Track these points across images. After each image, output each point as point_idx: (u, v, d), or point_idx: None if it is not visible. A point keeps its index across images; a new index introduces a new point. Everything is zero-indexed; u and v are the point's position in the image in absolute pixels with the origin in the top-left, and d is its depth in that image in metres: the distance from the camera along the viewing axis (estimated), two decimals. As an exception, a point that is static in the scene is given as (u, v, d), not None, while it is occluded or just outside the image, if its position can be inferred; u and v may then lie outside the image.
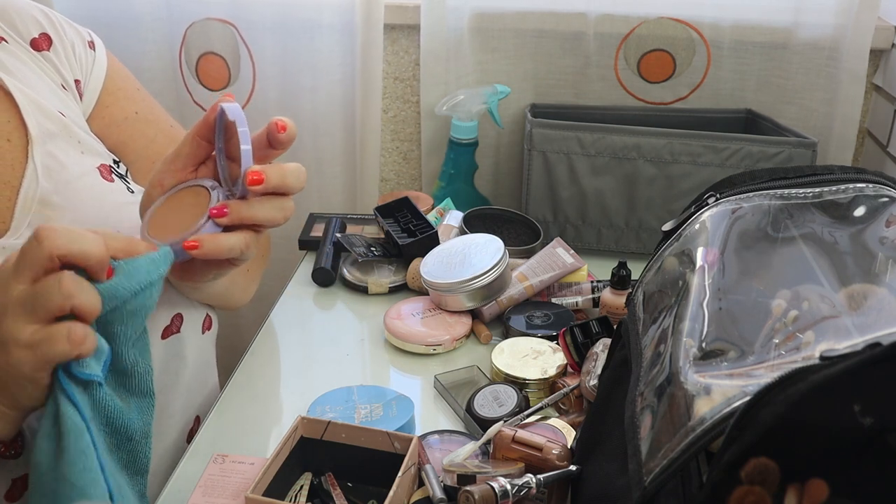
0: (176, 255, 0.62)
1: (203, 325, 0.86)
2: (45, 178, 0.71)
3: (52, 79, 0.78)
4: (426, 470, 0.71)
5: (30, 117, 0.73)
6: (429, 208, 1.24)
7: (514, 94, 1.32)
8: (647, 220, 1.16)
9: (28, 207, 0.70)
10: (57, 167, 0.73)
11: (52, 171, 0.72)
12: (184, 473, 0.76)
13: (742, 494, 0.39)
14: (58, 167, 0.73)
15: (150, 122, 0.87)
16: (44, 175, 0.71)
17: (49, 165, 0.72)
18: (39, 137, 0.72)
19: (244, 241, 0.65)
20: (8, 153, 0.71)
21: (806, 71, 1.26)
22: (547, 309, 0.99)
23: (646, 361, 0.56)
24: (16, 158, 0.71)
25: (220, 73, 1.34)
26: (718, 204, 0.63)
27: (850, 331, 0.46)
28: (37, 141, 0.72)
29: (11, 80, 0.73)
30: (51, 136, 0.74)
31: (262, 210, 0.65)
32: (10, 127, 0.72)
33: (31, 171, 0.71)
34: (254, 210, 0.64)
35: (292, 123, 0.66)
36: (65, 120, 0.76)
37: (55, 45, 0.79)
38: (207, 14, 1.30)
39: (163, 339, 0.78)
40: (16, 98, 0.73)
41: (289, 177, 0.64)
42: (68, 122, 0.76)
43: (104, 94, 0.83)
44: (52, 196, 0.71)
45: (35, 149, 0.72)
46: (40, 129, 0.73)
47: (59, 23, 0.81)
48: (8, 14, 0.77)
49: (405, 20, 1.33)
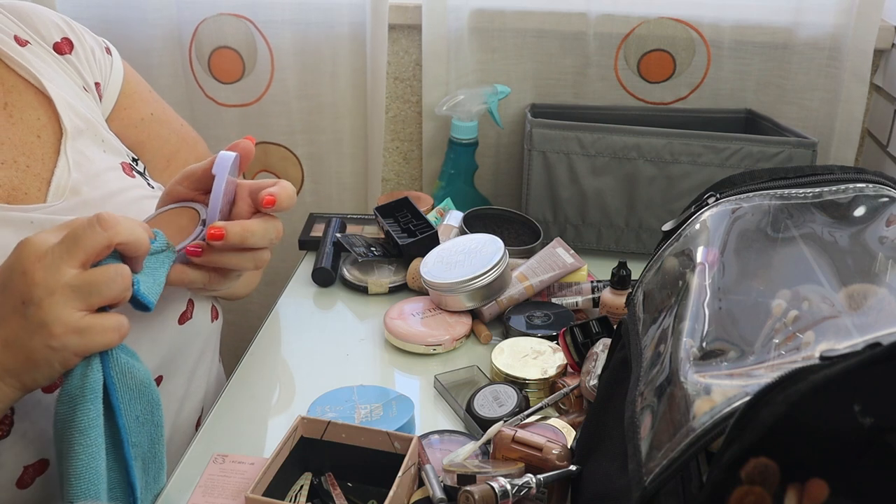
0: None
1: (211, 313, 0.87)
2: (76, 171, 0.75)
3: (74, 81, 0.82)
4: (426, 470, 0.71)
5: (64, 114, 0.77)
6: (429, 208, 1.24)
7: (514, 94, 1.32)
8: (647, 220, 1.16)
9: (60, 195, 0.74)
10: (85, 162, 0.77)
11: (82, 165, 0.76)
12: (184, 473, 0.76)
13: (742, 494, 0.39)
14: (86, 162, 0.77)
15: (163, 122, 0.92)
16: (75, 168, 0.75)
17: (78, 160, 0.76)
18: (72, 133, 0.77)
19: (207, 279, 0.70)
20: (38, 148, 0.75)
21: (806, 71, 1.25)
22: (547, 309, 0.99)
23: (646, 361, 0.56)
24: (46, 153, 0.75)
25: (234, 66, 1.35)
26: (718, 204, 0.63)
27: (850, 331, 0.46)
28: (69, 136, 0.76)
29: (44, 79, 0.77)
30: (80, 133, 0.78)
31: (232, 259, 0.70)
32: (40, 124, 0.76)
33: (64, 162, 0.75)
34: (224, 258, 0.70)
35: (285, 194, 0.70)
36: (90, 119, 0.80)
37: (76, 49, 0.83)
38: (219, 10, 1.31)
39: (180, 324, 0.80)
40: (51, 94, 0.77)
41: (251, 237, 0.69)
42: (92, 121, 0.80)
43: (122, 97, 0.87)
44: (82, 186, 0.75)
45: (67, 143, 0.76)
46: (72, 125, 0.77)
47: (78, 30, 0.85)
48: (31, 19, 0.81)
49: (406, 20, 1.33)
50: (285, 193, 0.70)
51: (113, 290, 0.59)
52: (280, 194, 0.70)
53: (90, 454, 0.60)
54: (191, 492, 0.71)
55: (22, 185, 0.72)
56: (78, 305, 0.58)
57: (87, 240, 0.58)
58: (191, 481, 0.73)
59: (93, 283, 0.58)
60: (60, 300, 0.57)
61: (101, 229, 0.58)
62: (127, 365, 0.62)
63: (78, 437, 0.59)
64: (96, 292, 0.58)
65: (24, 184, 0.73)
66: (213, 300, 0.89)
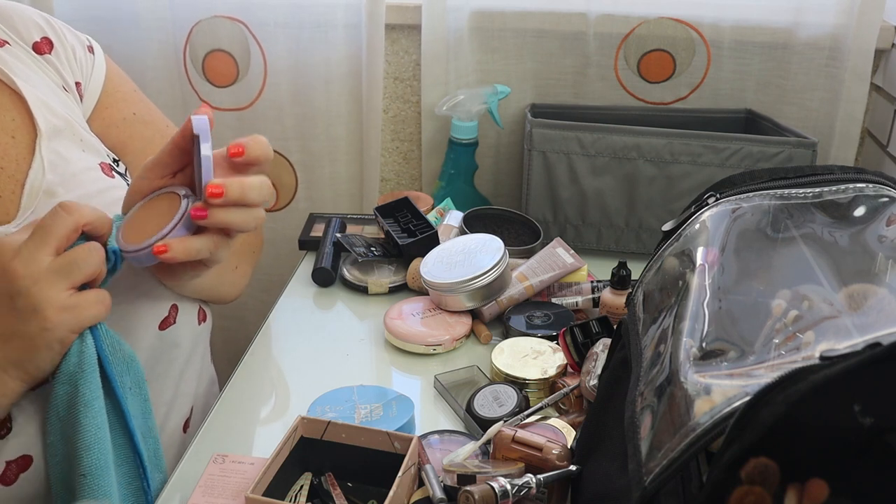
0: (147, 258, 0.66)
1: (198, 316, 0.87)
2: (50, 172, 0.74)
3: (53, 81, 0.80)
4: (426, 470, 0.71)
5: (38, 113, 0.75)
6: (429, 208, 1.24)
7: (514, 94, 1.32)
8: (647, 220, 1.16)
9: (34, 197, 0.72)
10: (61, 162, 0.75)
11: (57, 166, 0.75)
12: (184, 473, 0.76)
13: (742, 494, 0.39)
14: (62, 162, 0.75)
15: (147, 123, 0.89)
16: (49, 169, 0.74)
17: (54, 161, 0.75)
18: (47, 133, 0.75)
19: (213, 243, 0.68)
20: (12, 149, 0.73)
21: (806, 71, 1.25)
22: (547, 309, 0.99)
23: (646, 361, 0.56)
24: (20, 154, 0.74)
25: (228, 69, 1.34)
26: (718, 204, 0.63)
27: (850, 331, 0.46)
28: (45, 136, 0.75)
29: (19, 80, 0.76)
30: (57, 133, 0.76)
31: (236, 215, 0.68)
32: (14, 125, 0.74)
33: (38, 163, 0.74)
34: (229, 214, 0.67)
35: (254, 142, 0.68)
36: (68, 118, 0.78)
37: (56, 49, 0.81)
38: (213, 12, 1.31)
39: (161, 329, 0.79)
40: (25, 95, 0.75)
41: (250, 192, 0.67)
42: (71, 120, 0.78)
43: (104, 96, 0.85)
44: (57, 188, 0.74)
45: (42, 143, 0.75)
46: (48, 125, 0.75)
47: (59, 28, 0.83)
48: (10, 18, 0.79)
49: (405, 20, 1.33)
50: (254, 142, 0.68)
51: (91, 265, 0.63)
52: (248, 143, 0.67)
53: (97, 425, 0.64)
54: (191, 492, 0.71)
55: None
56: (63, 286, 0.62)
57: (55, 227, 0.62)
58: (191, 481, 0.73)
59: (71, 262, 0.62)
60: (45, 285, 0.61)
61: (66, 214, 0.63)
62: (115, 338, 0.67)
63: (83, 412, 0.63)
64: (77, 270, 0.62)
65: None
66: (201, 303, 0.88)
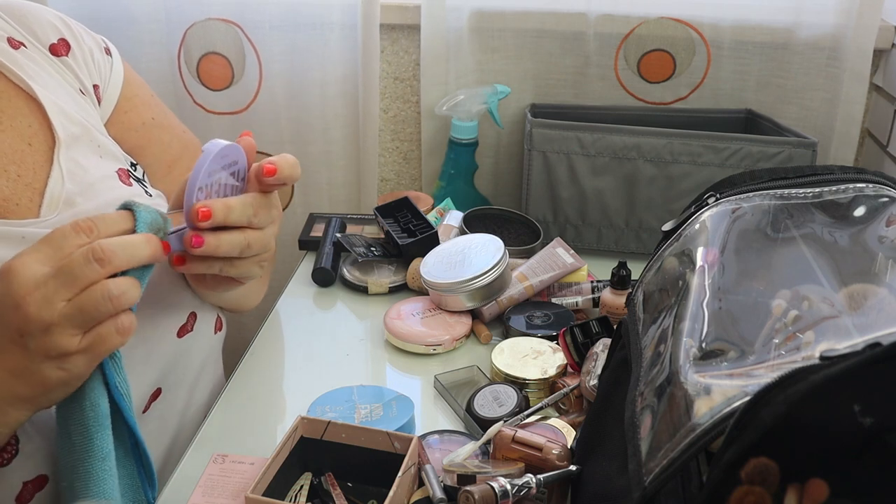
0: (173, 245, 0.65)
1: (215, 325, 0.86)
2: (69, 181, 0.72)
3: (70, 84, 0.79)
4: (426, 470, 0.71)
5: (56, 121, 0.73)
6: (429, 208, 1.24)
7: (514, 94, 1.32)
8: (647, 220, 1.16)
9: (54, 207, 0.70)
10: (80, 171, 0.74)
11: (76, 175, 0.73)
12: (184, 473, 0.76)
13: (742, 494, 0.39)
14: (80, 171, 0.74)
15: (164, 127, 0.89)
16: (68, 178, 0.72)
17: (72, 170, 0.73)
18: (65, 141, 0.73)
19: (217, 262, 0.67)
20: (29, 157, 0.71)
21: (806, 71, 1.26)
22: (547, 309, 0.99)
23: (646, 361, 0.56)
24: (37, 162, 0.72)
25: (223, 72, 1.34)
26: (718, 204, 0.63)
27: (850, 331, 0.46)
28: (63, 145, 0.73)
29: (36, 84, 0.74)
30: (75, 140, 0.74)
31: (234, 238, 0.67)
32: (31, 131, 0.73)
33: (57, 173, 0.72)
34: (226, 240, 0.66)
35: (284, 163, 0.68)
36: (85, 124, 0.77)
37: (73, 51, 0.80)
38: (207, 14, 1.30)
39: (179, 337, 0.79)
40: (43, 102, 0.73)
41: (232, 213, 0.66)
42: (89, 126, 0.77)
43: (122, 100, 0.84)
44: (76, 197, 0.72)
45: (61, 153, 0.73)
46: (66, 132, 0.74)
47: (76, 29, 0.82)
48: (27, 20, 0.78)
49: (405, 20, 1.33)
50: (285, 162, 0.68)
51: (104, 313, 0.59)
52: (279, 163, 0.68)
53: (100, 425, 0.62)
54: (191, 492, 0.71)
55: (13, 196, 0.69)
56: (77, 332, 0.58)
57: (83, 278, 0.58)
58: (191, 481, 0.73)
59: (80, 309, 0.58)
60: (59, 334, 0.57)
61: (99, 266, 0.58)
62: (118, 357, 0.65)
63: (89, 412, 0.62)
64: (89, 318, 0.58)
65: (16, 194, 0.69)
66: (219, 311, 0.88)
